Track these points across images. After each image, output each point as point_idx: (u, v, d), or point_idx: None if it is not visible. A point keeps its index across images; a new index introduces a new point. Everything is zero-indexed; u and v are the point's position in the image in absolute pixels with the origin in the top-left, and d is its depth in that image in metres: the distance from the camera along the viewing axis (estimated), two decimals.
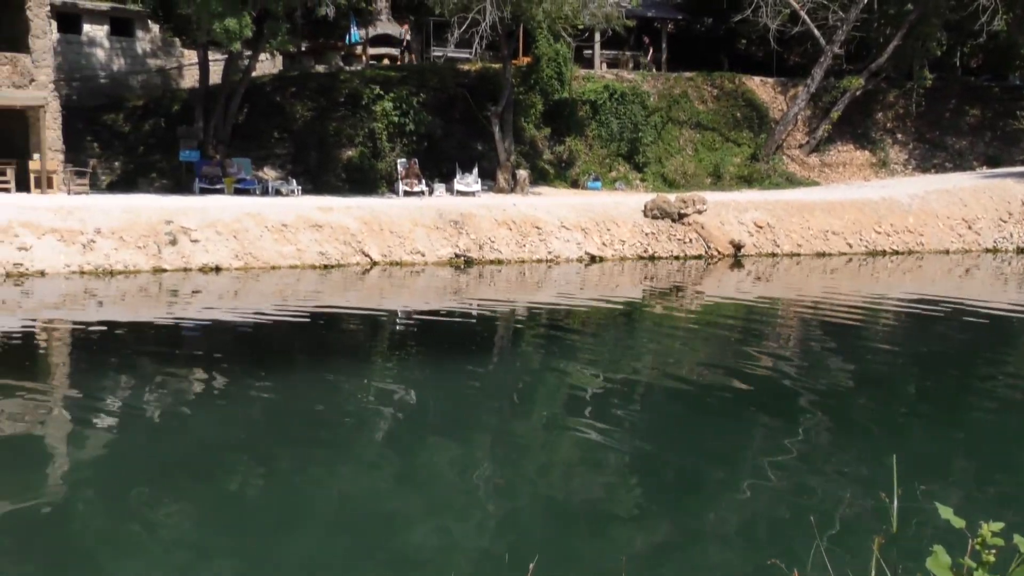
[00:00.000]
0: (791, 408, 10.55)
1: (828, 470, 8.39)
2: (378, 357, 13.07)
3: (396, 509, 7.49)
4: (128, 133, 29.15)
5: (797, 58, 38.57)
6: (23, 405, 9.98)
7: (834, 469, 8.41)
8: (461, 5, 25.34)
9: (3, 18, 25.36)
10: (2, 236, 17.81)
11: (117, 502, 7.46)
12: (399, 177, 27.62)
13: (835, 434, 9.66)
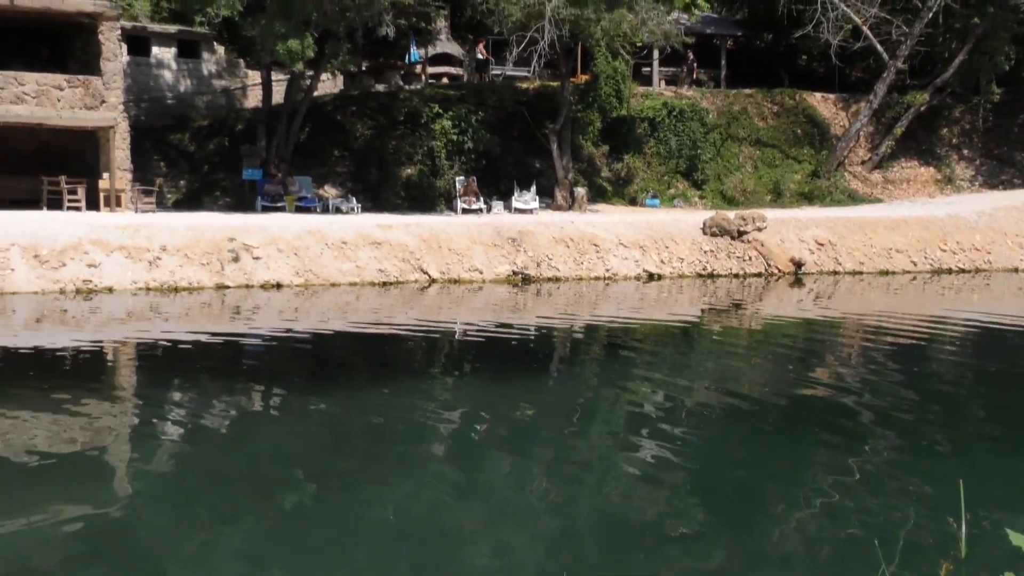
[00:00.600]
0: (854, 428, 10.36)
1: (893, 492, 8.20)
2: (436, 373, 13.13)
3: (454, 525, 7.51)
4: (193, 152, 29.79)
5: (859, 73, 38.04)
6: (92, 418, 10.21)
7: (899, 491, 8.23)
8: (520, 24, 25.48)
9: (76, 42, 26.14)
10: (73, 253, 18.28)
11: (181, 514, 7.59)
12: (457, 195, 27.80)
13: (900, 455, 9.46)
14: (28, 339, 14.35)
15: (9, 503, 7.46)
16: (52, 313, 16.24)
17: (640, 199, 31.58)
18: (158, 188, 26.54)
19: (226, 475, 8.53)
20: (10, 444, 9.06)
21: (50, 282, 17.65)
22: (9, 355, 13.24)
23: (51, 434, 9.53)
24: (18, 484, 8.03)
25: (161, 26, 30.79)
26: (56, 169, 24.61)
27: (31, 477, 8.22)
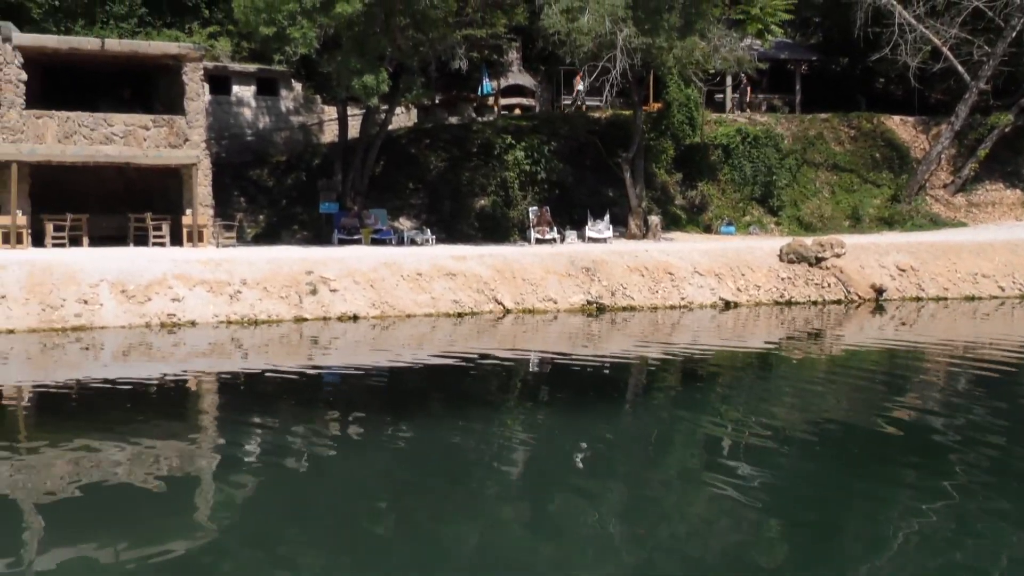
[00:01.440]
0: (940, 458, 10.04)
1: (981, 526, 7.91)
2: (512, 404, 13.11)
3: (531, 556, 7.45)
4: (272, 187, 30.46)
5: (939, 95, 37.26)
6: (177, 450, 10.42)
7: (988, 525, 7.92)
8: (592, 54, 25.56)
9: (161, 83, 27.02)
10: (158, 288, 18.77)
11: (263, 545, 7.67)
12: (531, 225, 27.89)
13: (989, 488, 9.10)
14: (116, 372, 14.74)
15: (98, 532, 7.64)
16: (138, 346, 16.67)
17: (715, 226, 31.29)
18: (238, 223, 27.16)
19: (306, 506, 8.61)
20: (99, 474, 9.29)
21: (136, 316, 18.14)
22: (98, 388, 13.62)
23: (138, 464, 9.75)
24: (106, 514, 8.22)
25: (241, 65, 31.66)
26: (142, 206, 25.40)
27: (119, 507, 8.41)
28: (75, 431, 10.96)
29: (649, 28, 25.44)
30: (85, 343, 16.76)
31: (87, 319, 17.74)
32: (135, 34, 30.31)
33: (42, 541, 7.65)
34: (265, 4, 22.02)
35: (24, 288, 17.96)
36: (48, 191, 24.17)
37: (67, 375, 14.57)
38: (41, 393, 13.38)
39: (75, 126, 23.52)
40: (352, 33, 23.34)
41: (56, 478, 9.23)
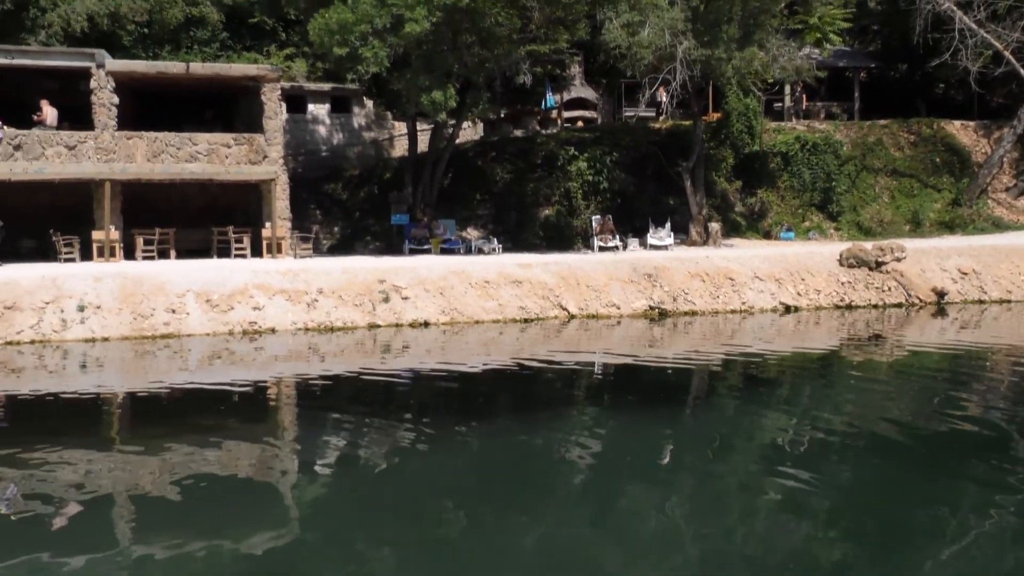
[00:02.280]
0: (1004, 459, 9.78)
1: None
2: (577, 406, 13.11)
3: (596, 555, 7.45)
4: (346, 200, 30.90)
5: (1001, 99, 36.23)
6: (257, 449, 10.65)
7: None
8: (652, 66, 25.45)
9: (242, 103, 27.62)
10: (240, 298, 19.18)
11: (339, 540, 7.81)
12: (594, 233, 27.84)
13: None
14: (202, 377, 15.11)
15: (187, 527, 7.85)
16: (222, 353, 17.04)
17: (774, 232, 30.88)
18: (314, 235, 27.60)
19: (380, 504, 8.74)
20: (187, 472, 9.54)
21: (220, 324, 18.55)
22: (186, 392, 13.98)
23: (222, 464, 9.99)
24: (193, 510, 8.44)
25: (316, 85, 32.21)
26: (224, 220, 25.96)
27: (206, 503, 8.63)
28: (165, 432, 11.26)
29: (708, 40, 25.26)
30: (173, 350, 17.19)
31: (175, 327, 18.20)
32: (217, 58, 31.05)
33: (137, 534, 7.89)
34: (338, 26, 22.38)
35: (117, 299, 18.50)
36: (138, 207, 24.85)
37: (157, 380, 14.97)
38: (134, 397, 13.78)
39: (162, 146, 24.16)
40: (421, 52, 23.59)
41: (148, 476, 9.51)
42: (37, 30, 27.86)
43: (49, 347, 17.07)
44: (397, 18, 22.08)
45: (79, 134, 23.62)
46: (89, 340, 17.51)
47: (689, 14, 25.31)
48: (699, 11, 25.65)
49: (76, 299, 18.23)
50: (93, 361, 16.20)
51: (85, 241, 23.74)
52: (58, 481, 9.28)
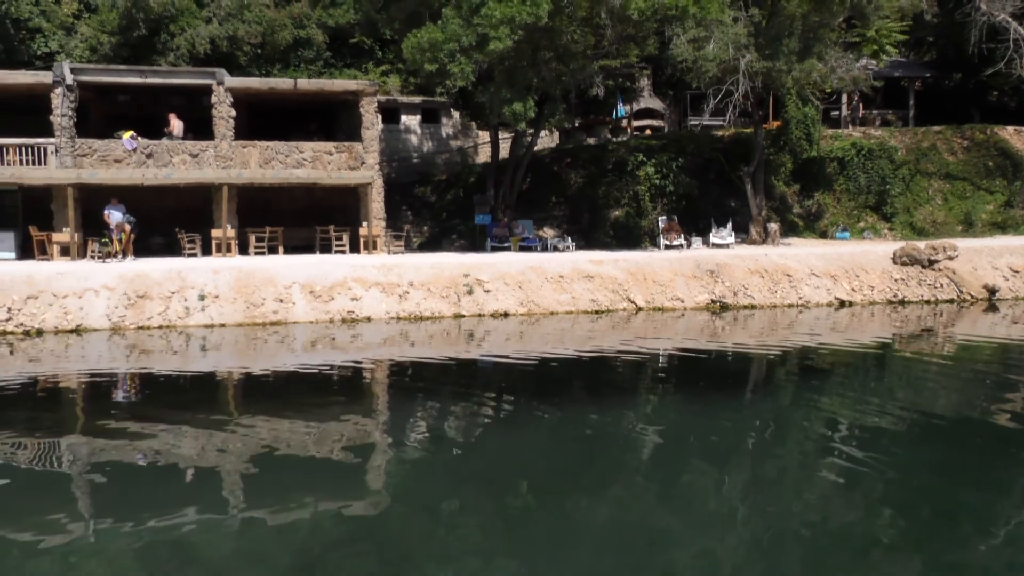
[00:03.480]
0: None
1: None
2: (644, 392, 13.00)
3: (660, 529, 7.38)
4: (434, 202, 31.16)
5: None
6: (354, 426, 10.83)
7: None
8: (716, 78, 25.03)
9: (342, 114, 28.06)
10: (340, 289, 19.50)
11: (425, 510, 7.89)
12: (660, 232, 27.54)
13: None
14: (306, 360, 15.42)
15: (288, 495, 8.02)
16: (323, 339, 17.35)
17: (830, 232, 30.10)
18: (406, 233, 27.91)
19: (462, 478, 8.80)
20: (291, 446, 9.75)
21: (322, 313, 18.90)
22: (292, 373, 14.29)
23: (322, 438, 10.18)
24: (295, 479, 8.62)
25: (408, 98, 32.53)
26: (326, 220, 26.43)
27: (306, 473, 8.81)
28: (273, 408, 11.53)
29: (770, 53, 24.73)
30: (281, 335, 17.58)
31: (282, 315, 18.60)
32: (321, 74, 31.60)
33: (246, 499, 8.10)
34: (429, 44, 22.55)
35: (233, 289, 18.99)
36: (251, 208, 25.47)
37: (267, 362, 15.33)
38: (246, 377, 14.14)
39: (273, 153, 24.70)
40: (503, 67, 23.63)
41: (258, 447, 9.74)
42: (167, 53, 28.75)
43: (174, 332, 17.62)
44: (482, 37, 22.14)
45: (201, 144, 24.30)
46: (208, 326, 18.02)
47: (752, 29, 24.80)
48: (761, 26, 25.12)
49: (197, 289, 18.77)
50: (212, 344, 16.66)
51: (205, 238, 24.44)
52: (181, 449, 9.58)
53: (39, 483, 8.50)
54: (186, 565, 6.70)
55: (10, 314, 17.39)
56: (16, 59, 27.32)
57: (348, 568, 6.68)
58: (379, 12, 26.35)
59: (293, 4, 32.30)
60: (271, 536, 7.17)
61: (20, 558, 6.71)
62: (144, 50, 28.64)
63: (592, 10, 23.43)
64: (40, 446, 9.73)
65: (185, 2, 29.31)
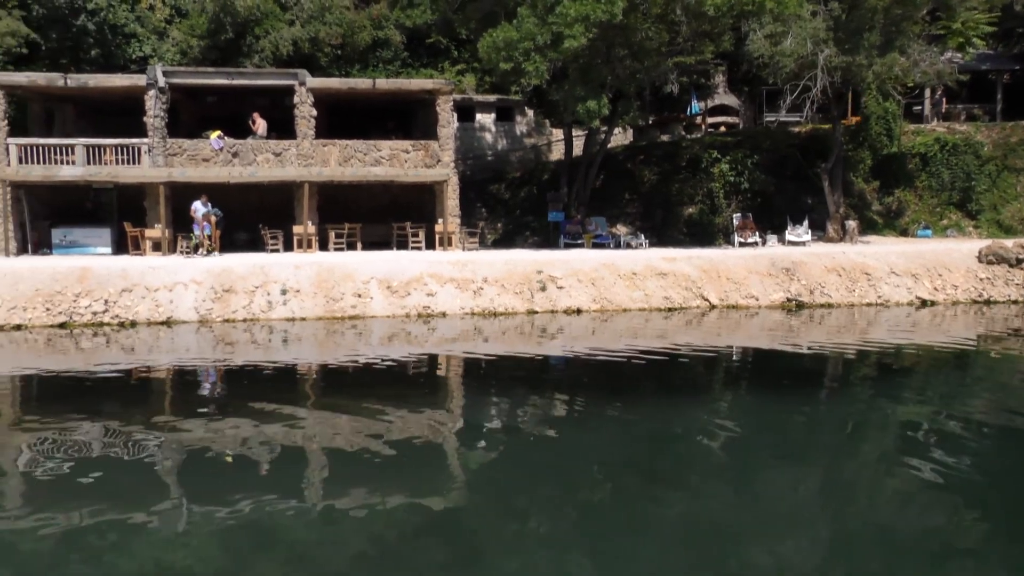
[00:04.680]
0: None
1: None
2: (717, 389, 12.84)
3: (732, 526, 7.30)
4: (508, 199, 31.27)
5: None
6: (428, 417, 10.97)
7: None
8: (793, 74, 24.50)
9: (419, 113, 28.37)
10: (416, 285, 19.75)
11: (497, 502, 7.95)
12: (734, 229, 27.11)
13: None
14: (382, 353, 15.67)
15: (365, 484, 8.18)
16: (399, 333, 17.60)
17: (911, 230, 29.17)
18: (480, 230, 28.08)
19: (535, 472, 8.83)
20: (367, 436, 9.94)
21: (398, 308, 19.17)
22: (368, 366, 14.54)
23: (398, 429, 10.34)
24: (372, 469, 8.79)
25: (483, 96, 32.70)
26: (402, 216, 26.77)
27: (380, 466, 8.96)
28: (351, 400, 11.76)
29: (850, 48, 24.09)
30: (359, 329, 17.90)
31: (360, 310, 18.93)
32: (398, 74, 32.01)
33: (325, 488, 8.30)
34: (504, 43, 22.63)
35: (313, 284, 19.42)
36: (330, 205, 25.96)
37: (345, 355, 15.63)
38: (326, 368, 14.45)
39: (352, 152, 25.13)
40: (577, 65, 23.56)
41: (336, 436, 9.96)
42: (252, 55, 29.50)
43: (257, 325, 18.10)
44: (557, 35, 22.12)
45: (284, 143, 24.88)
46: (290, 319, 18.46)
47: (831, 23, 24.19)
48: (841, 20, 24.47)
49: (280, 284, 19.24)
50: (293, 337, 17.07)
51: (287, 234, 25.03)
52: (265, 438, 9.86)
53: (131, 469, 8.86)
54: (268, 549, 6.90)
55: (107, 306, 18.12)
56: (113, 63, 28.40)
57: (422, 557, 6.78)
58: (455, 12, 26.56)
59: (372, 6, 32.78)
60: (349, 524, 7.33)
61: (113, 539, 7.00)
62: (231, 53, 29.45)
63: (667, 7, 23.18)
64: (133, 433, 10.13)
65: (270, 5, 30.02)
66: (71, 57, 28.25)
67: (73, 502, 7.70)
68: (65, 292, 18.23)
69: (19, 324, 17.45)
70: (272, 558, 6.76)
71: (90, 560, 6.62)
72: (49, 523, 7.27)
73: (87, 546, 6.84)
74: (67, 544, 6.89)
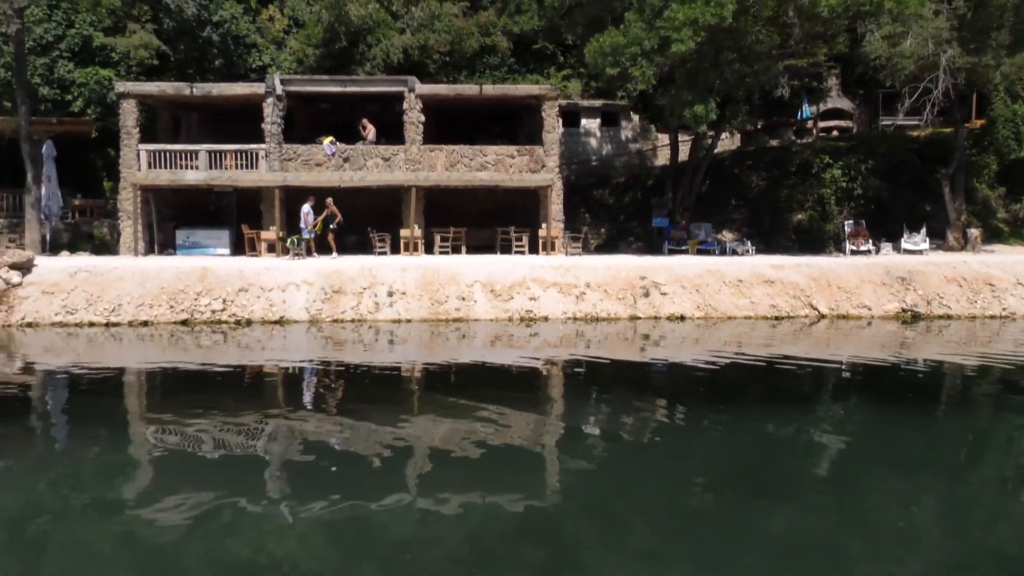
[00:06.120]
0: None
1: None
2: (825, 401, 12.40)
3: (839, 545, 7.02)
4: (612, 204, 31.09)
5: None
6: (529, 421, 10.98)
7: None
8: (913, 76, 23.48)
9: (524, 119, 28.52)
10: (518, 289, 19.85)
11: (598, 508, 7.88)
12: (846, 237, 26.17)
13: None
14: (485, 356, 15.81)
15: (462, 488, 8.25)
16: (502, 336, 17.71)
17: None
18: (583, 235, 28.00)
19: (635, 479, 8.72)
20: (468, 437, 10.03)
21: (501, 312, 19.30)
22: (471, 368, 14.69)
23: (499, 431, 10.39)
24: (470, 472, 8.85)
25: (588, 101, 32.63)
26: (506, 221, 26.95)
27: (480, 467, 9.02)
28: (453, 401, 11.90)
29: (975, 47, 22.91)
30: (462, 332, 18.10)
31: (464, 312, 19.15)
32: (505, 80, 32.24)
33: (426, 487, 8.40)
34: (611, 48, 22.51)
35: (419, 287, 19.76)
36: (436, 209, 26.38)
37: (448, 357, 15.83)
38: (429, 369, 14.67)
39: (458, 156, 25.47)
40: (685, 69, 23.22)
41: (438, 437, 10.09)
42: (364, 62, 30.29)
43: (364, 325, 18.54)
44: (664, 39, 21.86)
45: (392, 148, 25.43)
46: (395, 321, 18.83)
47: (955, 22, 23.06)
48: (966, 19, 23.29)
49: (386, 286, 19.66)
50: (398, 338, 17.40)
51: (394, 237, 25.56)
52: (369, 436, 10.08)
53: (244, 461, 9.20)
54: (370, 544, 7.04)
55: (225, 305, 18.91)
56: (234, 72, 29.65)
57: (519, 559, 6.79)
58: (562, 18, 26.58)
59: (480, 13, 33.16)
60: (448, 523, 7.41)
61: (227, 526, 7.28)
62: (344, 61, 30.31)
63: (779, 9, 22.59)
64: (246, 427, 10.52)
65: (382, 14, 30.77)
66: (197, 67, 29.65)
67: (191, 490, 8.05)
68: (187, 291, 19.12)
69: (146, 320, 18.40)
70: (371, 553, 6.89)
71: (207, 545, 6.91)
72: (170, 508, 7.62)
73: (204, 532, 7.14)
74: (185, 529, 7.21)
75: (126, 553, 6.90)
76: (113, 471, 8.95)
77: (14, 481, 8.54)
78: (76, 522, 7.49)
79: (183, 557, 6.74)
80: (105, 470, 9.00)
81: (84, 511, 7.77)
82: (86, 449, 9.75)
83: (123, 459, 9.43)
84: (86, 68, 27.74)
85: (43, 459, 9.42)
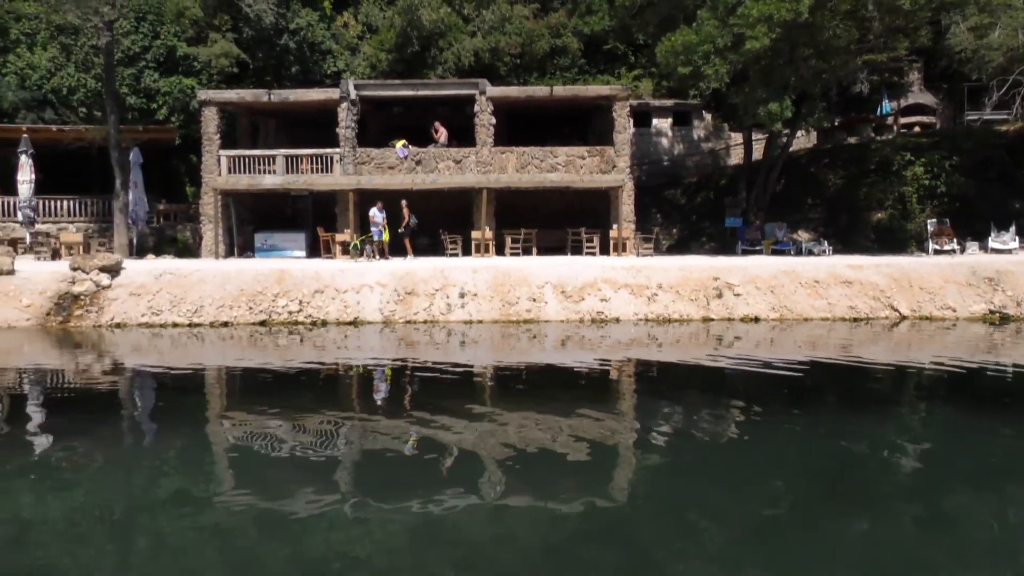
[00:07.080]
0: None
1: None
2: (907, 405, 12.01)
3: (920, 555, 6.79)
4: (683, 204, 30.75)
5: None
6: (600, 422, 10.93)
7: None
8: (1001, 68, 22.60)
9: (595, 119, 28.44)
10: (589, 290, 19.78)
11: (668, 510, 7.80)
12: (929, 236, 25.34)
13: None
14: (556, 357, 15.80)
15: (534, 488, 8.25)
16: (573, 337, 17.67)
17: None
18: (655, 235, 27.76)
19: (708, 482, 8.59)
20: (538, 437, 10.03)
21: (572, 313, 19.26)
22: (542, 369, 14.69)
23: (570, 431, 10.36)
24: (542, 473, 8.84)
25: (660, 101, 32.34)
26: (576, 222, 26.90)
27: (552, 468, 9.01)
28: (525, 403, 11.92)
29: None
30: (533, 333, 18.12)
31: (535, 314, 19.18)
32: (575, 81, 32.20)
33: (496, 487, 8.43)
34: (683, 47, 22.27)
35: (490, 288, 19.86)
36: (507, 210, 26.49)
37: (519, 358, 15.87)
38: (500, 370, 14.72)
39: (528, 158, 25.53)
40: (759, 67, 22.82)
41: (508, 436, 10.11)
42: (435, 66, 30.63)
43: (436, 326, 18.72)
44: (738, 37, 21.52)
45: (463, 150, 25.64)
46: (467, 322, 18.97)
47: None
48: None
49: (458, 287, 19.82)
50: (470, 340, 17.52)
51: (466, 239, 25.76)
52: (442, 436, 10.17)
53: (320, 459, 9.38)
54: (442, 544, 7.10)
55: (301, 306, 19.33)
56: (310, 79, 30.32)
57: (590, 561, 6.75)
58: (633, 17, 26.41)
59: (551, 14, 33.18)
60: (520, 523, 7.42)
61: (303, 523, 7.44)
62: (416, 65, 30.69)
63: (857, 2, 22.01)
64: (322, 426, 10.73)
65: (453, 18, 31.06)
66: (274, 74, 30.40)
67: (269, 486, 8.25)
68: (265, 292, 19.61)
69: (226, 321, 18.94)
70: (442, 553, 6.95)
71: (285, 541, 7.07)
72: (249, 504, 7.82)
73: (281, 528, 7.31)
74: (264, 523, 7.39)
75: (211, 546, 7.11)
76: (197, 467, 9.24)
77: (106, 475, 8.89)
78: (163, 516, 7.75)
79: (261, 551, 6.92)
80: (190, 466, 9.29)
81: (171, 505, 8.04)
82: (172, 445, 10.08)
83: (207, 455, 9.73)
84: (170, 77, 28.72)
85: (132, 454, 9.77)
